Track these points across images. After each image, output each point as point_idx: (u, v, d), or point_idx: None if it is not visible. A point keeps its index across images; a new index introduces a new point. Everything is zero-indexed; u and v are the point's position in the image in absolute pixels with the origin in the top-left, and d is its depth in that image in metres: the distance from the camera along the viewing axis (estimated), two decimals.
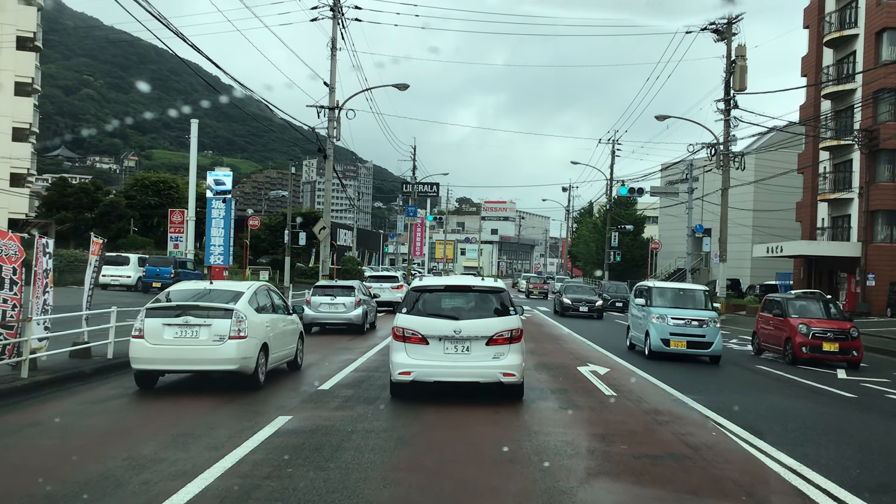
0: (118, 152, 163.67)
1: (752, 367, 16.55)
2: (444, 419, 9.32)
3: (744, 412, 10.29)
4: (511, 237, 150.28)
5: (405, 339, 9.93)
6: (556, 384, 12.29)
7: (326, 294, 20.88)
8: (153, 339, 10.25)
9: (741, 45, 32.70)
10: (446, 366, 9.83)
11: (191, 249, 35.44)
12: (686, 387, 12.47)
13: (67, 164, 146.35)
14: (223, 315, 10.35)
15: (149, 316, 10.42)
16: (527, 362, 11.46)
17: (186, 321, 10.27)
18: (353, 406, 9.78)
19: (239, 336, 10.28)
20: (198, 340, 10.27)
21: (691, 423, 9.51)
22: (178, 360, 10.36)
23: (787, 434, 9.02)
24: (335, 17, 29.40)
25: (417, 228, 78.34)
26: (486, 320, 10.00)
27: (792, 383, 14.05)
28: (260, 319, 10.98)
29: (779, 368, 16.28)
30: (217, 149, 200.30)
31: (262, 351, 10.89)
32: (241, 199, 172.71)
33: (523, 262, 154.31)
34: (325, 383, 11.57)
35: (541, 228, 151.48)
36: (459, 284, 11.03)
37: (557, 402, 10.69)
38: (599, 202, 69.14)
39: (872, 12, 36.06)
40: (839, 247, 37.11)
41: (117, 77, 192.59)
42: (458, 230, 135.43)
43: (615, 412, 10.08)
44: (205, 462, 6.78)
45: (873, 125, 34.35)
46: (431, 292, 10.52)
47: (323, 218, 30.76)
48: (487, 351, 9.82)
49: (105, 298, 29.10)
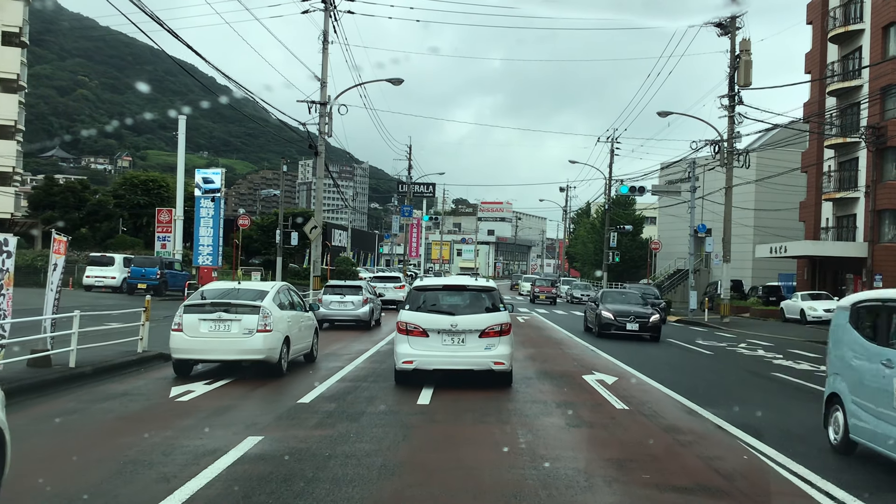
0: (113, 153, 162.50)
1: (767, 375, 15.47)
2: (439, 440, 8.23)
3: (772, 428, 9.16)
4: (508, 238, 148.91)
5: (408, 332, 11.07)
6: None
7: (337, 293, 22.43)
8: (190, 332, 11.49)
9: (745, 39, 31.64)
10: (444, 355, 10.99)
11: (179, 249, 34.22)
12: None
13: (62, 165, 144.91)
14: (251, 311, 11.57)
15: (186, 312, 11.67)
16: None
17: (220, 316, 11.48)
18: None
19: (265, 330, 11.51)
20: (229, 333, 11.48)
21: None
22: (213, 351, 11.59)
23: (821, 456, 7.92)
24: (327, 10, 28.23)
25: (413, 229, 77.48)
26: (479, 316, 11.16)
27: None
28: (282, 315, 12.23)
29: (797, 375, 15.19)
30: (213, 149, 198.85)
31: (285, 343, 12.11)
32: (236, 199, 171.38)
33: (520, 262, 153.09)
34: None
35: (538, 229, 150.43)
36: (456, 284, 12.25)
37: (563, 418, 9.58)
38: (597, 202, 68.06)
39: (879, 7, 35.01)
40: (845, 247, 36.05)
41: (112, 78, 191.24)
42: (455, 231, 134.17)
43: (628, 429, 8.97)
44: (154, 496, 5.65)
45: (880, 122, 33.29)
46: (431, 291, 11.74)
47: (314, 217, 29.59)
48: (480, 342, 11.01)
49: (87, 300, 27.99)
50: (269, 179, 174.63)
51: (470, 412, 9.63)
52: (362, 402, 9.99)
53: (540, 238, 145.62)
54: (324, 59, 28.61)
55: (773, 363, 17.52)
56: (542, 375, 13.33)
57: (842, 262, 36.87)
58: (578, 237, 70.53)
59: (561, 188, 72.69)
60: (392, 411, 9.50)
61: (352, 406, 9.72)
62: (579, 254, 68.77)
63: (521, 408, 10.04)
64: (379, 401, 10.18)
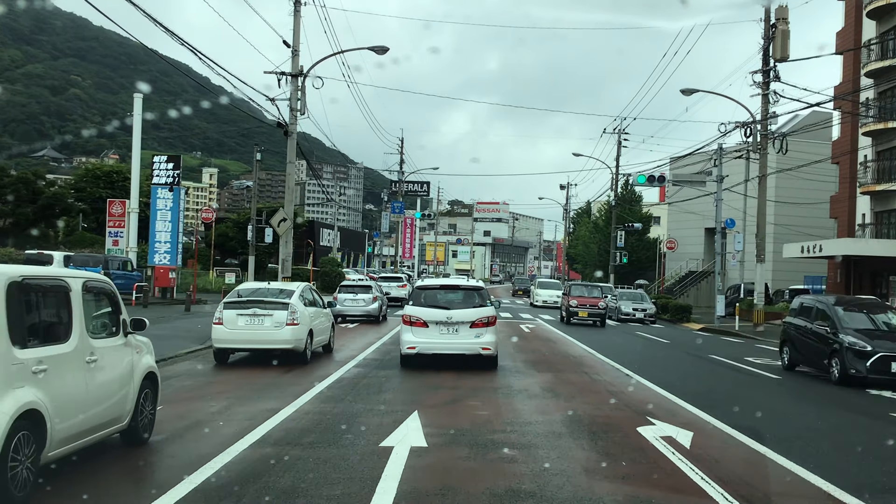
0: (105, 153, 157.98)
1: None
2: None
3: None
4: (504, 239, 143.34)
5: (411, 323, 13.04)
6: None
7: (350, 292, 24.95)
8: (229, 325, 13.13)
9: (783, 6, 27.20)
10: (441, 342, 12.90)
11: (133, 247, 29.46)
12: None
13: (53, 165, 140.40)
14: (281, 307, 13.20)
15: (226, 308, 13.28)
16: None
17: (254, 312, 13.14)
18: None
19: (293, 323, 13.15)
20: (263, 326, 13.15)
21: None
22: (248, 341, 13.36)
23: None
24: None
25: (407, 229, 73.24)
26: (470, 310, 13.02)
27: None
28: (307, 311, 13.81)
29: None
30: (206, 150, 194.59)
31: (309, 335, 13.68)
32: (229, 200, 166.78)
33: (516, 264, 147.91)
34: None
35: (535, 230, 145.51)
36: (451, 284, 14.77)
37: None
38: (599, 201, 63.51)
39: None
40: (890, 245, 31.50)
41: (106, 77, 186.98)
42: (450, 232, 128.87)
43: None
44: None
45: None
46: (431, 290, 13.78)
47: (284, 208, 24.94)
48: (471, 332, 12.88)
49: None
50: (262, 180, 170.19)
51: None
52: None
53: (537, 239, 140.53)
54: (295, 22, 24.00)
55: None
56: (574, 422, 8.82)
57: (882, 263, 32.32)
58: (579, 237, 66.23)
59: (561, 186, 67.76)
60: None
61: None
62: (580, 255, 64.45)
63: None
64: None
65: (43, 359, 5.50)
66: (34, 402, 5.28)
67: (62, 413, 5.63)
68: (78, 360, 6.01)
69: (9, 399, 5.05)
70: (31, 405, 5.23)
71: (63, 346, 5.84)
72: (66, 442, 5.78)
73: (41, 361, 5.46)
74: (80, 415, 5.96)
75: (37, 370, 5.40)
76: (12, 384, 5.14)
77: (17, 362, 5.23)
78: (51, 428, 5.46)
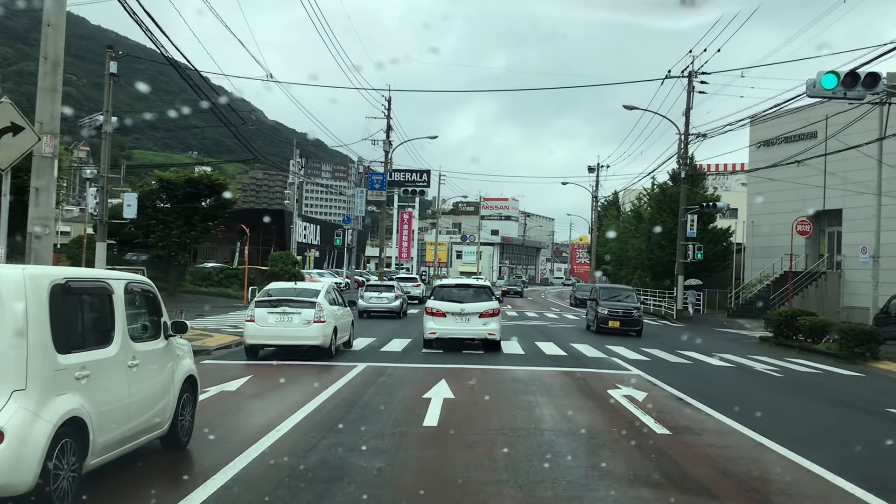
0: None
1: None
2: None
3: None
4: (514, 238, 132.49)
5: (433, 314, 16.96)
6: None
7: (375, 291, 28.31)
8: (261, 322, 14.53)
9: None
10: (456, 328, 16.80)
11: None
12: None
13: None
14: (309, 306, 14.60)
15: (257, 306, 14.64)
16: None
17: (284, 310, 14.58)
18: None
19: (320, 321, 14.58)
20: (291, 323, 14.57)
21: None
22: (278, 337, 14.76)
23: None
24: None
25: (404, 226, 64.31)
26: (479, 303, 17.05)
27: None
28: (331, 310, 15.28)
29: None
30: (204, 150, 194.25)
31: (334, 332, 15.03)
32: None
33: (527, 266, 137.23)
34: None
35: (546, 230, 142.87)
36: (464, 283, 19.96)
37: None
38: (635, 189, 52.33)
39: None
40: None
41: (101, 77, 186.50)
42: (454, 232, 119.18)
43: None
44: None
45: None
46: (447, 287, 18.23)
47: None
48: (479, 321, 16.77)
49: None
50: (259, 180, 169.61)
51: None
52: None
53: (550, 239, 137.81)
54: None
55: None
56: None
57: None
58: (621, 229, 51.95)
59: (590, 168, 56.37)
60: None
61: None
62: (614, 252, 52.03)
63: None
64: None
65: (86, 364, 5.42)
66: (77, 410, 5.20)
67: (105, 420, 5.58)
68: (120, 365, 5.94)
69: (52, 407, 4.97)
70: (74, 412, 5.16)
71: (106, 350, 5.76)
72: (107, 449, 5.72)
73: (84, 367, 5.38)
74: (122, 421, 5.93)
75: (80, 376, 5.33)
76: (55, 391, 5.07)
77: (61, 368, 5.15)
78: (93, 435, 5.39)
